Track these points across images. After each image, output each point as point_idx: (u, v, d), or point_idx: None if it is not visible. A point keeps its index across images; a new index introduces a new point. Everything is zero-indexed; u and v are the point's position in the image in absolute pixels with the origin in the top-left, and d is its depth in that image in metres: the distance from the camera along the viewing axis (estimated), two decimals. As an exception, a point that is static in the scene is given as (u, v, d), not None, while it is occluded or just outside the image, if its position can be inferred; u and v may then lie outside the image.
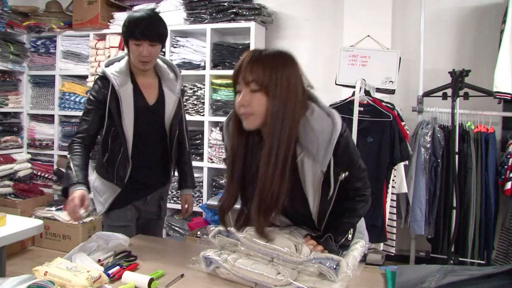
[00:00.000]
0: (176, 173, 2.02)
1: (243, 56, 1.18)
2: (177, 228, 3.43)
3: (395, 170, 2.69)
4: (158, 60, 1.82)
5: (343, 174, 1.20)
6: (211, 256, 1.26)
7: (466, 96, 2.72)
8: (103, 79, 1.72)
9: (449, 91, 2.73)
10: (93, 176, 1.87)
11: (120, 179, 1.76)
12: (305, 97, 1.19)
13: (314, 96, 1.23)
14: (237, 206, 1.33)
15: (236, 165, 1.24)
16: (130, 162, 1.74)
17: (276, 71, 1.12)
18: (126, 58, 1.78)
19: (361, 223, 1.47)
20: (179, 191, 2.08)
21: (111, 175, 1.77)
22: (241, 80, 1.17)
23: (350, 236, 1.32)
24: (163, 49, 1.84)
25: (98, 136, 1.80)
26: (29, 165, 3.93)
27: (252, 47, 3.22)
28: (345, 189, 1.25)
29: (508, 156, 2.67)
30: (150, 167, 1.83)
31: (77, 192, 1.52)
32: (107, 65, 1.75)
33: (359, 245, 1.35)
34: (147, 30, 1.66)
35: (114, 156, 1.75)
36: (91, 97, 1.73)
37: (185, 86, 3.47)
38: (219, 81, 3.36)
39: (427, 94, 2.89)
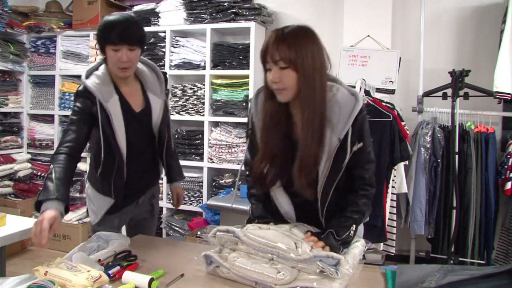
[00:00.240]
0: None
1: (268, 37, 1.26)
2: (177, 228, 3.44)
3: (395, 170, 2.69)
4: (138, 64, 1.71)
5: (358, 145, 1.28)
6: (211, 255, 1.26)
7: (466, 96, 2.72)
8: (86, 93, 1.58)
9: (449, 91, 2.73)
10: (86, 184, 1.85)
11: (116, 192, 1.71)
12: (329, 67, 1.30)
13: (337, 78, 1.34)
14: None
15: (269, 133, 1.33)
16: (125, 173, 1.69)
17: (300, 48, 1.21)
18: (103, 66, 1.65)
19: (360, 228, 1.47)
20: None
21: (107, 189, 1.71)
22: (269, 59, 1.24)
23: (352, 233, 1.32)
24: (143, 53, 1.70)
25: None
26: (29, 165, 3.93)
27: (252, 47, 3.23)
28: (352, 177, 1.33)
29: (508, 156, 2.67)
30: (143, 172, 1.79)
31: (49, 213, 1.30)
32: (86, 76, 1.61)
33: (360, 244, 1.35)
34: (125, 33, 1.55)
35: (109, 170, 1.68)
36: (76, 108, 1.59)
37: (185, 86, 3.48)
38: (219, 81, 3.36)
39: (427, 94, 2.89)
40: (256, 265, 1.18)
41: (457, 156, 2.70)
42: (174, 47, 3.45)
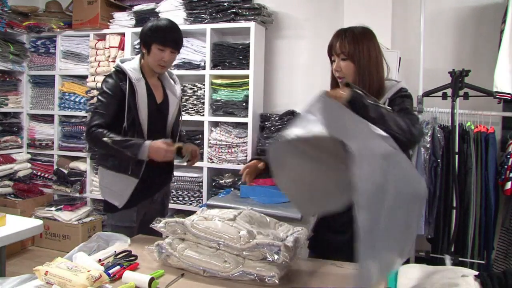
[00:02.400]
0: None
1: (334, 34, 1.52)
2: (177, 228, 3.43)
3: (395, 170, 2.69)
4: None
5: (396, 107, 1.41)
6: (163, 245, 1.33)
7: (466, 96, 2.72)
8: (119, 73, 1.81)
9: (449, 91, 2.73)
10: (100, 175, 1.93)
11: (135, 169, 1.80)
12: (382, 61, 1.50)
13: (399, 81, 1.52)
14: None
15: None
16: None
17: (358, 44, 1.45)
18: (137, 58, 1.89)
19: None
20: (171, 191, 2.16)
21: (125, 166, 1.80)
22: (333, 53, 1.50)
23: (384, 110, 1.32)
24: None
25: None
26: (29, 165, 3.93)
27: (252, 47, 3.23)
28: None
29: (508, 156, 2.67)
30: (159, 164, 1.83)
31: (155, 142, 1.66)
32: (121, 62, 1.85)
33: (304, 231, 1.40)
34: (174, 39, 1.83)
35: None
36: (106, 90, 1.78)
37: (185, 86, 3.48)
38: (219, 81, 3.36)
39: (427, 94, 2.89)
40: (203, 255, 1.27)
41: (457, 156, 2.70)
42: (174, 47, 3.45)
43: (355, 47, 1.45)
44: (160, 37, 1.80)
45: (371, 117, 1.28)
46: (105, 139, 1.69)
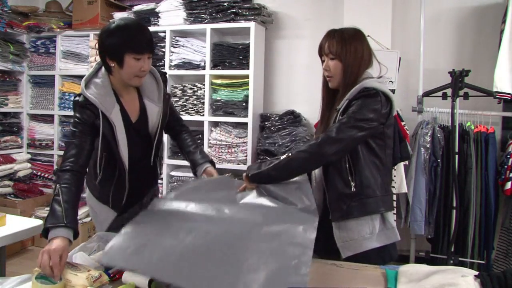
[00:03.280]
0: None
1: (324, 36, 1.58)
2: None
3: (395, 170, 2.69)
4: None
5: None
6: None
7: (466, 96, 2.72)
8: (88, 104, 1.50)
9: (449, 91, 2.73)
10: (86, 190, 1.83)
11: (115, 204, 1.69)
12: (370, 61, 1.56)
13: (371, 76, 1.56)
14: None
15: (322, 109, 1.65)
16: (127, 186, 1.67)
17: (345, 44, 1.50)
18: (103, 73, 1.56)
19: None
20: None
21: (105, 198, 1.70)
22: (323, 53, 1.57)
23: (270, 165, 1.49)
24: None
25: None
26: (29, 165, 3.92)
27: (252, 47, 3.23)
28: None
29: (508, 156, 2.67)
30: (144, 178, 1.77)
31: (57, 243, 1.24)
32: (86, 86, 1.53)
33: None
34: (149, 41, 1.50)
35: (108, 181, 1.66)
36: (77, 120, 1.51)
37: (185, 86, 3.47)
38: (219, 81, 3.36)
39: (427, 94, 2.89)
40: None
41: (457, 156, 2.70)
42: (174, 47, 3.45)
43: (342, 47, 1.50)
44: (135, 44, 1.46)
45: (276, 178, 1.48)
46: (57, 186, 1.39)
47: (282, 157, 1.47)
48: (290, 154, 1.45)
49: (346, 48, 1.49)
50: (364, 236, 1.47)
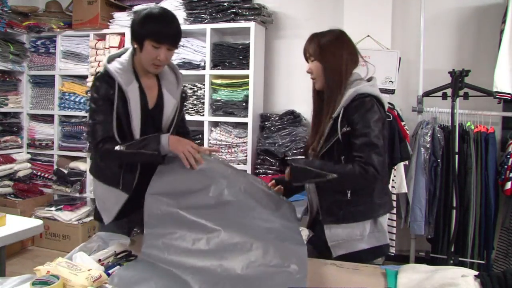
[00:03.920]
0: None
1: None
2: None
3: (395, 170, 2.69)
4: None
5: (345, 128, 1.44)
6: None
7: (466, 96, 2.72)
8: (106, 77, 1.56)
9: (449, 91, 2.73)
10: (93, 184, 1.79)
11: (126, 185, 1.63)
12: (355, 62, 1.56)
13: (362, 76, 1.58)
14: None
15: (314, 113, 1.67)
16: (139, 166, 1.63)
17: (324, 46, 1.54)
18: (128, 55, 1.62)
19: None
20: None
21: (116, 180, 1.64)
22: (306, 56, 1.61)
23: (313, 174, 1.44)
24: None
25: None
26: (29, 165, 3.92)
27: (252, 47, 3.23)
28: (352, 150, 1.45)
29: (508, 156, 2.67)
30: (154, 168, 1.72)
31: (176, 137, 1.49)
32: (108, 61, 1.60)
33: (303, 233, 1.42)
34: (171, 34, 1.55)
35: None
36: (95, 95, 1.55)
37: (185, 86, 3.47)
38: (219, 81, 3.36)
39: (427, 94, 2.89)
40: None
41: (457, 156, 2.70)
42: (174, 47, 3.45)
43: (321, 49, 1.54)
44: (155, 32, 1.51)
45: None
46: (117, 148, 1.49)
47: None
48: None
49: (325, 50, 1.53)
50: (354, 238, 1.50)
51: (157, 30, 1.52)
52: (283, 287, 1.12)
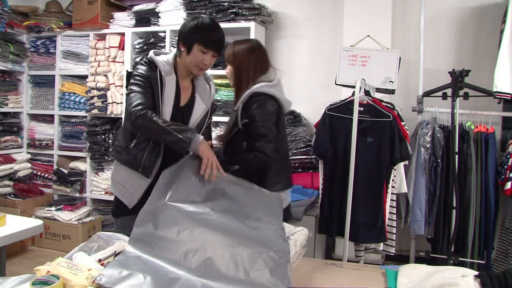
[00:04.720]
0: None
1: None
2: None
3: (395, 170, 2.68)
4: None
5: (245, 120, 1.74)
6: None
7: (466, 96, 2.72)
8: (150, 63, 1.73)
9: (449, 91, 2.74)
10: (114, 168, 1.86)
11: (146, 168, 1.72)
12: (261, 69, 1.83)
13: (270, 78, 1.84)
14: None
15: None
16: (162, 152, 1.73)
17: (237, 53, 1.81)
18: (172, 56, 1.79)
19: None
20: None
21: (138, 162, 1.73)
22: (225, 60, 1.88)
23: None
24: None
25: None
26: (29, 165, 3.93)
27: (252, 47, 3.23)
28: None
29: (508, 156, 2.67)
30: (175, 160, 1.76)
31: (207, 146, 1.58)
32: (155, 54, 1.77)
33: (303, 232, 1.43)
34: (219, 42, 1.73)
35: (143, 142, 1.73)
36: (140, 72, 1.70)
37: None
38: (219, 81, 3.36)
39: (427, 94, 2.90)
40: None
41: (457, 156, 2.70)
42: (174, 47, 3.44)
43: (233, 56, 1.81)
44: (206, 38, 1.68)
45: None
46: (155, 118, 1.56)
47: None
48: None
49: (236, 57, 1.80)
50: None
51: (206, 36, 1.69)
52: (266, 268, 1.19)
